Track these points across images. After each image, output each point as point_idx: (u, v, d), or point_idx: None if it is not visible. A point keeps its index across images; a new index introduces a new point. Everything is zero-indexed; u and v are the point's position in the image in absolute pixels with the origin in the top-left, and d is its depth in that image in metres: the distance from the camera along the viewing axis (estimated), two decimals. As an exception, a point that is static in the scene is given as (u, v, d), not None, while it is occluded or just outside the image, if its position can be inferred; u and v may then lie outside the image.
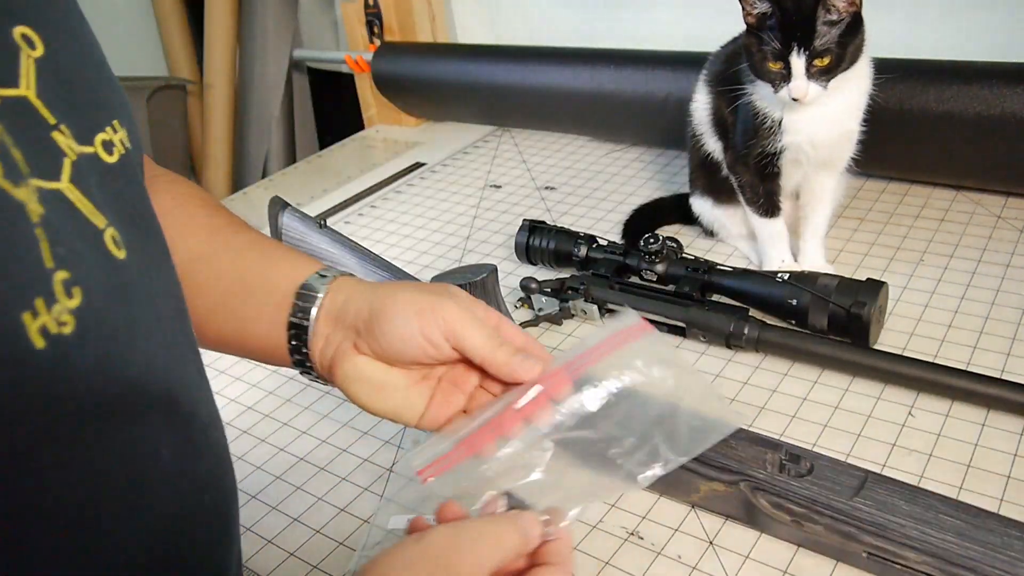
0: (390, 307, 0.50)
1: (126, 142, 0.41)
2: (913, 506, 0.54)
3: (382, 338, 0.50)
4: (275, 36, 1.80)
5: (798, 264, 0.90)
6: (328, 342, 0.52)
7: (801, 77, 0.77)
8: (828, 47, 0.76)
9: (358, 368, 0.51)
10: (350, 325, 0.51)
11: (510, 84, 1.37)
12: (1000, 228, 0.94)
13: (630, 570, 0.60)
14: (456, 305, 0.49)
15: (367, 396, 0.52)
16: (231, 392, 0.87)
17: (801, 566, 0.58)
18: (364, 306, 0.51)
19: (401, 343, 0.49)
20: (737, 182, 0.90)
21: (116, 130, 0.41)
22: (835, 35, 0.76)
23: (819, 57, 0.76)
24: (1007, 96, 0.91)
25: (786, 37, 0.76)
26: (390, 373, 0.51)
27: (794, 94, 0.77)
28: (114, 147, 0.40)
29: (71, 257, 0.33)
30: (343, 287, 0.53)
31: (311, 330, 0.52)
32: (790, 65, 0.76)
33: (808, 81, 0.77)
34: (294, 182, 1.41)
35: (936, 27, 1.12)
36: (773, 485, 0.58)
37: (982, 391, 0.68)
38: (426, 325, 0.49)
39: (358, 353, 0.51)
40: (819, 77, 0.77)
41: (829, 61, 0.76)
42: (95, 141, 0.39)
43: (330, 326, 0.52)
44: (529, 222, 0.98)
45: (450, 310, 0.49)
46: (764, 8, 0.77)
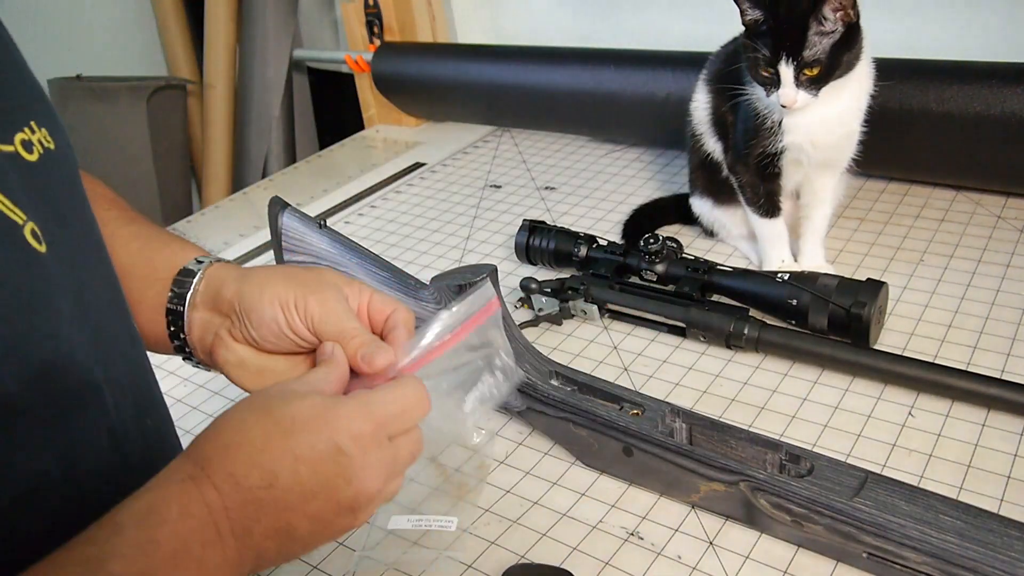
0: (256, 301, 0.51)
1: (47, 141, 0.43)
2: (913, 506, 0.54)
3: (252, 330, 0.50)
4: (275, 36, 1.80)
5: (798, 264, 0.90)
6: (206, 329, 0.53)
7: (789, 85, 0.77)
8: (818, 58, 0.76)
9: (237, 354, 0.52)
10: (225, 313, 0.52)
11: (510, 84, 1.37)
12: (1000, 228, 0.94)
13: (630, 570, 0.60)
14: (318, 297, 0.49)
15: (248, 380, 0.52)
16: (231, 392, 0.87)
17: (801, 566, 0.58)
18: (235, 296, 0.51)
19: (271, 335, 0.50)
20: (737, 182, 0.90)
21: (35, 130, 0.42)
22: (826, 46, 0.76)
23: (808, 67, 0.76)
24: (1007, 96, 0.91)
25: (776, 45, 0.77)
26: (268, 358, 0.52)
27: (782, 101, 0.78)
28: (34, 146, 0.41)
29: None
30: (218, 274, 0.54)
31: (186, 316, 0.53)
32: (779, 72, 0.77)
33: (797, 89, 0.77)
34: (294, 182, 1.41)
35: (936, 27, 1.12)
36: (773, 485, 0.58)
37: (982, 391, 0.68)
38: (291, 320, 0.49)
39: (234, 340, 0.52)
40: (809, 86, 0.77)
41: (819, 71, 0.76)
42: (14, 140, 0.40)
43: (207, 312, 0.53)
44: (529, 222, 0.98)
45: (312, 303, 0.49)
46: (756, 15, 0.78)
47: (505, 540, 0.64)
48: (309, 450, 0.39)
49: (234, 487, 0.38)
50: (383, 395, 0.43)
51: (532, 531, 0.64)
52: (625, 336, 0.86)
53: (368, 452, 0.40)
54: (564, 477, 0.69)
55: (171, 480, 0.39)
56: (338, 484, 0.40)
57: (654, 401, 0.67)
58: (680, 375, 0.79)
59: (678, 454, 0.62)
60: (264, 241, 1.18)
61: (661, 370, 0.80)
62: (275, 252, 0.73)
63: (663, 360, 0.81)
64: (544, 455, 0.72)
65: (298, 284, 0.50)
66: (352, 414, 0.41)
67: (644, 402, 0.67)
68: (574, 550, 0.62)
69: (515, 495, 0.68)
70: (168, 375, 0.91)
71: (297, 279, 0.51)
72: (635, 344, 0.84)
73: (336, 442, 0.39)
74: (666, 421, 0.65)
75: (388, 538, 0.65)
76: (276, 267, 0.54)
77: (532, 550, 0.62)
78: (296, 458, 0.39)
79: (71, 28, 1.86)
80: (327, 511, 0.40)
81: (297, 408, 0.40)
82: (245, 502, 0.38)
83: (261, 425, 0.40)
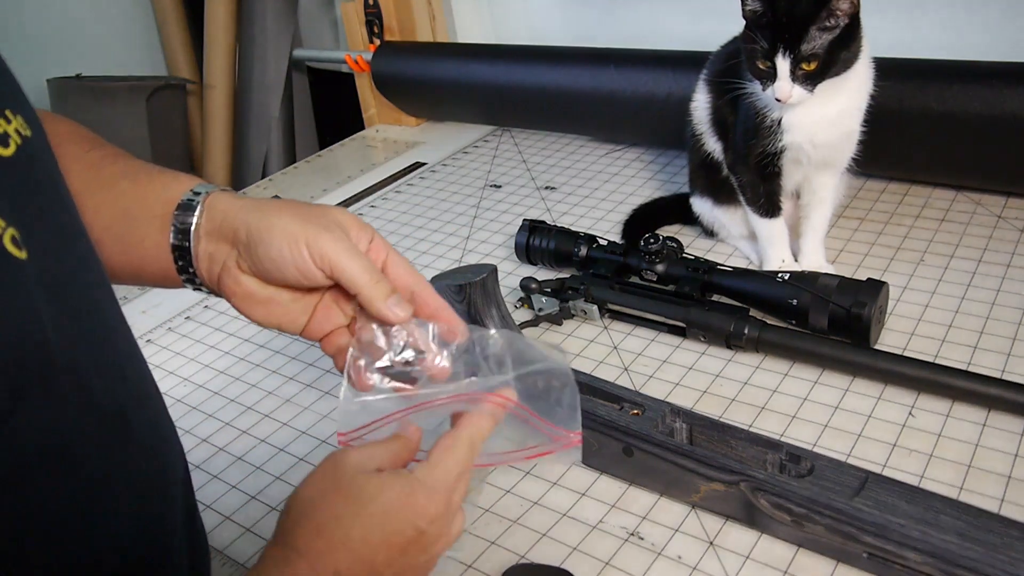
0: (264, 234, 0.50)
1: (23, 129, 0.41)
2: (914, 506, 0.54)
3: (258, 262, 0.50)
4: (275, 36, 1.80)
5: (798, 264, 0.90)
6: (213, 259, 0.53)
7: (785, 79, 0.77)
8: (815, 52, 0.75)
9: (242, 284, 0.52)
10: (230, 242, 0.52)
11: (510, 84, 1.37)
12: (1000, 228, 0.94)
13: (630, 570, 0.60)
14: (332, 237, 0.50)
15: (252, 310, 0.53)
16: (231, 392, 0.87)
17: (801, 566, 0.58)
18: (241, 227, 0.51)
19: (276, 270, 0.50)
20: (737, 182, 0.90)
21: (10, 119, 0.40)
22: (825, 41, 0.75)
23: (805, 61, 0.76)
24: (1007, 96, 0.91)
25: (774, 38, 0.76)
26: (273, 290, 0.52)
27: (777, 94, 0.78)
28: (9, 138, 0.39)
29: None
30: (219, 204, 0.53)
31: (193, 250, 0.53)
32: (776, 65, 0.77)
33: (792, 84, 0.77)
34: (294, 182, 1.41)
35: (936, 27, 1.12)
36: (773, 485, 0.58)
37: (982, 391, 0.68)
38: (298, 256, 0.49)
39: (240, 271, 0.52)
40: (805, 81, 0.77)
41: (816, 66, 0.76)
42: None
43: (212, 244, 0.52)
44: (529, 222, 0.98)
45: (325, 242, 0.49)
46: (756, 6, 0.77)
47: (505, 540, 0.64)
48: (399, 537, 0.45)
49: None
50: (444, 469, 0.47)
51: (532, 531, 0.64)
52: (625, 336, 0.86)
53: (443, 525, 0.46)
54: (564, 477, 0.69)
55: None
56: (419, 554, 0.46)
57: (654, 401, 0.67)
58: (680, 375, 0.79)
59: (678, 454, 0.62)
60: (264, 241, 1.18)
61: (661, 370, 0.80)
62: None
63: (663, 360, 0.81)
64: (544, 455, 0.72)
65: (308, 220, 0.50)
66: (428, 501, 0.45)
67: (644, 402, 0.67)
68: (574, 550, 0.62)
69: (515, 495, 0.68)
70: (168, 375, 0.92)
71: (308, 215, 0.51)
72: (635, 344, 0.84)
73: (419, 528, 0.45)
74: (666, 421, 0.65)
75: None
76: (284, 202, 0.53)
77: (532, 550, 0.62)
78: (389, 545, 0.44)
79: (71, 28, 1.86)
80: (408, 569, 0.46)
81: (384, 500, 0.45)
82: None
83: (359, 523, 0.44)
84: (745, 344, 0.78)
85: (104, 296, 0.47)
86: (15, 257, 0.37)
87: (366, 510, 0.44)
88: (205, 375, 0.90)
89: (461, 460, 0.47)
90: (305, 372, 0.88)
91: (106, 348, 0.45)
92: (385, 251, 0.54)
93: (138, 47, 2.00)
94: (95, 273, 0.46)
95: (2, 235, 0.36)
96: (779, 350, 0.78)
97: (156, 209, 0.54)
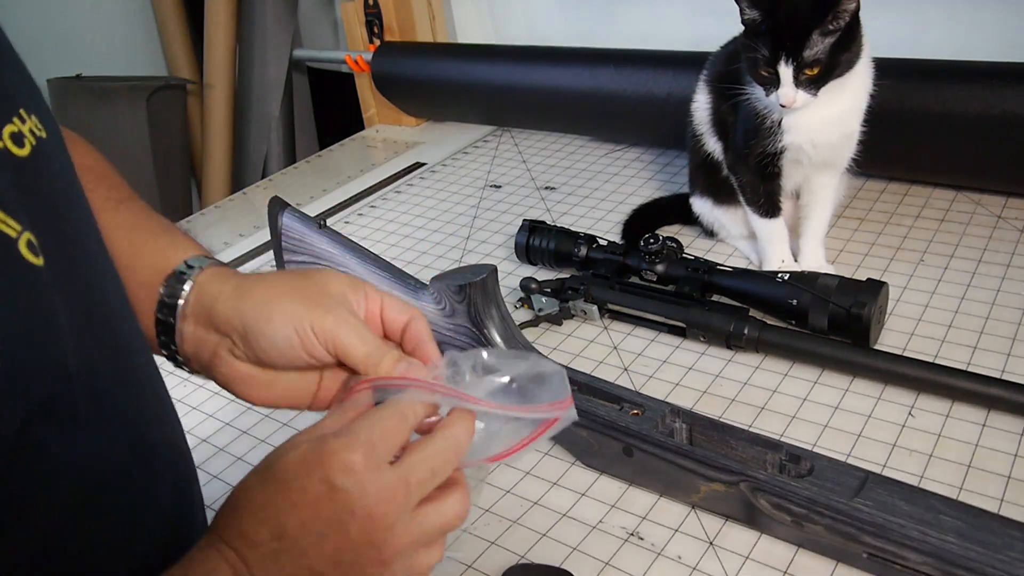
0: (265, 325, 0.46)
1: (38, 129, 0.39)
2: (914, 507, 0.54)
3: (261, 353, 0.47)
4: (275, 36, 1.80)
5: (798, 264, 0.90)
6: (201, 345, 0.49)
7: (789, 85, 0.77)
8: (818, 58, 0.76)
9: (238, 369, 0.49)
10: (223, 332, 0.48)
11: (510, 84, 1.37)
12: (1000, 228, 0.94)
13: (630, 570, 0.60)
14: (333, 316, 0.46)
15: (251, 392, 0.50)
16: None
17: (801, 566, 0.58)
18: (235, 316, 0.47)
19: (282, 357, 0.47)
20: (737, 182, 0.90)
21: (25, 119, 0.38)
22: (827, 46, 0.76)
23: (808, 67, 0.76)
24: (1007, 96, 0.91)
25: (776, 45, 0.76)
26: (276, 373, 0.49)
27: (781, 101, 0.78)
28: (24, 138, 0.38)
29: None
30: (209, 286, 0.49)
31: (177, 330, 0.49)
32: (778, 72, 0.77)
33: (796, 89, 0.77)
34: (294, 182, 1.41)
35: (936, 27, 1.12)
36: (773, 485, 0.58)
37: (982, 391, 0.68)
38: (307, 342, 0.46)
39: (236, 359, 0.48)
40: (808, 86, 0.77)
41: (818, 71, 0.76)
42: (3, 135, 0.36)
43: (200, 329, 0.49)
44: (529, 222, 0.98)
45: (328, 323, 0.46)
46: (755, 15, 0.77)
47: (505, 540, 0.64)
48: (304, 495, 0.39)
49: (249, 545, 0.39)
50: (367, 419, 0.41)
51: (532, 531, 0.64)
52: (625, 336, 0.86)
53: (365, 480, 0.39)
54: (564, 477, 0.69)
55: (195, 552, 0.40)
56: (343, 519, 0.39)
57: (654, 401, 0.67)
58: (680, 375, 0.79)
59: (678, 454, 0.62)
60: (264, 241, 1.18)
61: (661, 370, 0.80)
62: (275, 252, 0.73)
63: (663, 360, 0.81)
64: (544, 455, 0.72)
65: (307, 302, 0.47)
66: (337, 447, 0.39)
67: (644, 402, 0.67)
68: (574, 550, 0.62)
69: (515, 495, 0.68)
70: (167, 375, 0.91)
71: (304, 295, 0.47)
72: (635, 344, 0.84)
73: (328, 479, 0.39)
74: (666, 421, 0.65)
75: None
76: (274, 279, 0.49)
77: (532, 550, 0.62)
78: (294, 505, 0.39)
79: (71, 28, 1.86)
80: (346, 549, 0.39)
81: (289, 458, 0.40)
82: (263, 556, 0.39)
83: (261, 483, 0.40)
84: (745, 344, 0.78)
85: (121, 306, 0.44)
86: (31, 264, 0.35)
87: (269, 470, 0.40)
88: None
89: (386, 416, 0.41)
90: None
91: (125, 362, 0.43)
92: (379, 298, 0.49)
93: (138, 47, 2.00)
94: (111, 282, 0.44)
95: (17, 240, 0.34)
96: (779, 350, 0.78)
97: (146, 275, 0.50)
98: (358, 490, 0.39)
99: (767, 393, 0.75)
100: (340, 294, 0.48)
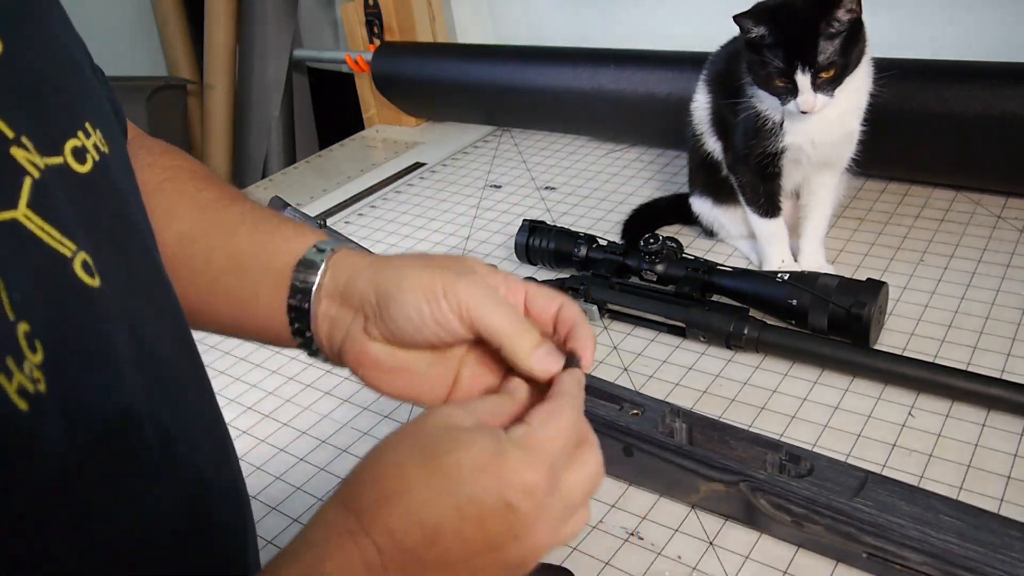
0: (396, 291, 0.43)
1: (102, 145, 0.38)
2: (913, 507, 0.54)
3: (392, 324, 0.44)
4: (275, 36, 1.80)
5: (798, 264, 0.90)
6: (335, 325, 0.47)
7: (808, 91, 0.77)
8: (832, 60, 0.76)
9: (370, 353, 0.45)
10: (357, 307, 0.45)
11: (510, 84, 1.37)
12: (1000, 228, 0.94)
13: (630, 570, 0.60)
14: (471, 284, 0.43)
15: (382, 381, 0.46)
16: (231, 392, 0.87)
17: (801, 566, 0.58)
18: (369, 288, 0.45)
19: (413, 329, 0.43)
20: (737, 182, 0.90)
21: (89, 133, 0.37)
22: (837, 47, 0.76)
23: (824, 71, 0.76)
24: (1007, 96, 0.91)
25: (788, 56, 0.76)
26: (407, 356, 0.46)
27: (803, 108, 0.77)
28: (87, 153, 0.36)
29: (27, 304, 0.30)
30: (344, 263, 0.47)
31: (312, 313, 0.47)
32: (796, 81, 0.77)
33: (815, 94, 0.77)
34: (294, 182, 1.41)
35: (936, 27, 1.12)
36: (773, 486, 0.58)
37: (982, 391, 0.68)
38: (437, 310, 0.42)
39: (369, 338, 0.45)
40: (826, 88, 0.77)
41: (834, 72, 0.76)
42: (64, 150, 0.35)
43: (335, 307, 0.46)
44: (529, 222, 0.98)
45: (464, 290, 0.42)
46: (760, 31, 0.78)
47: (505, 540, 0.64)
48: (476, 507, 0.35)
49: (395, 546, 0.34)
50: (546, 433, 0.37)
51: (532, 531, 0.64)
52: (625, 336, 0.86)
53: (541, 506, 0.36)
54: (564, 477, 0.69)
55: (329, 536, 0.35)
56: (506, 541, 0.35)
57: (654, 401, 0.67)
58: (680, 375, 0.79)
59: (678, 454, 0.62)
60: (264, 241, 1.18)
61: (661, 370, 0.80)
62: None
63: (663, 360, 0.81)
64: (544, 455, 0.72)
65: (442, 268, 0.44)
66: (522, 465, 0.35)
67: (644, 402, 0.67)
68: (574, 550, 0.62)
69: (515, 495, 0.68)
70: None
71: (440, 263, 0.44)
72: (635, 344, 0.84)
73: (506, 499, 0.35)
74: (666, 421, 0.65)
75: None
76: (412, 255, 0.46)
77: (532, 550, 0.62)
78: (462, 516, 0.34)
79: (71, 28, 1.86)
80: (492, 568, 0.36)
81: (463, 455, 0.35)
82: (406, 563, 0.35)
83: (423, 474, 0.35)
84: (745, 344, 0.78)
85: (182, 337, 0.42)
86: (87, 285, 0.33)
87: (436, 462, 0.35)
88: (236, 389, 0.90)
89: (568, 424, 0.38)
90: (305, 372, 0.88)
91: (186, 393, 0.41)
92: (522, 288, 0.46)
93: (138, 47, 2.00)
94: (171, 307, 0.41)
95: (72, 260, 0.32)
96: (779, 350, 0.78)
97: (274, 263, 0.48)
98: (532, 516, 0.36)
99: (767, 393, 0.75)
100: (475, 269, 0.45)
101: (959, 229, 0.95)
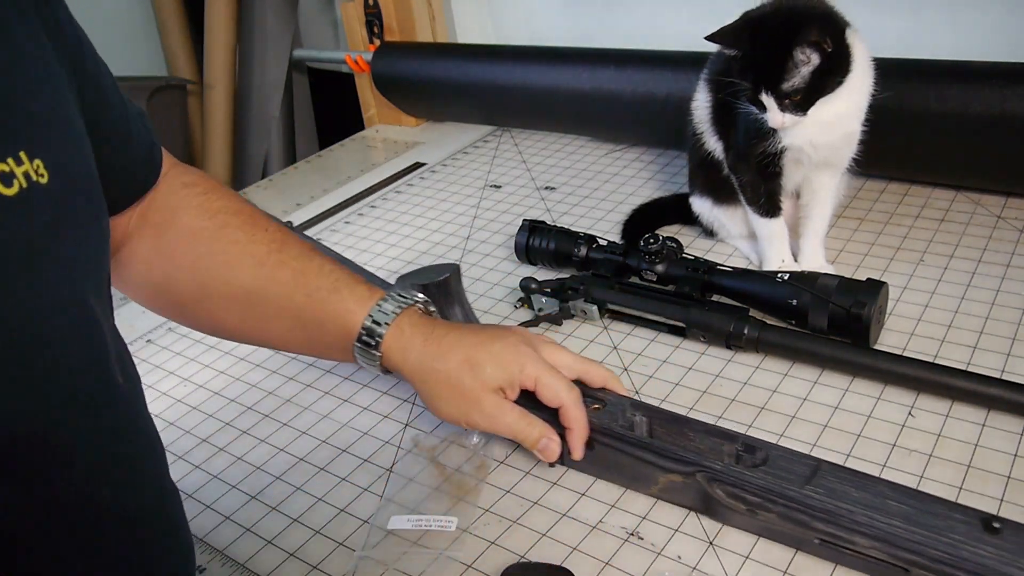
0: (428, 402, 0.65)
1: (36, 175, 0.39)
2: (863, 492, 0.56)
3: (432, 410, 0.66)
4: (275, 36, 1.80)
5: (798, 264, 0.90)
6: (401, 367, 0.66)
7: (775, 111, 0.79)
8: (796, 88, 0.77)
9: None
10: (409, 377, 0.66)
11: (510, 84, 1.37)
12: (1000, 228, 0.94)
13: (630, 570, 0.60)
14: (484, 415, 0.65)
15: None
16: (231, 392, 0.87)
17: (801, 567, 0.58)
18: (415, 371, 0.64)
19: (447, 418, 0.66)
20: (738, 182, 0.90)
21: (21, 161, 0.38)
22: (805, 75, 0.77)
23: (788, 97, 0.78)
24: (1007, 96, 0.91)
25: (756, 79, 0.78)
26: None
27: (771, 124, 0.80)
28: (14, 179, 0.38)
29: None
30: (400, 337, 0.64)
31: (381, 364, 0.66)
32: (763, 101, 0.79)
33: (783, 113, 0.79)
34: (294, 182, 1.41)
35: (936, 27, 1.12)
36: (728, 475, 0.59)
37: (982, 391, 0.68)
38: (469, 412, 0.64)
39: None
40: (794, 109, 0.79)
41: (801, 97, 0.78)
42: None
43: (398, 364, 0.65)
44: (529, 222, 0.98)
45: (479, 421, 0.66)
46: (733, 53, 0.80)
47: (505, 540, 0.64)
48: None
49: None
50: None
51: (532, 531, 0.64)
52: (625, 336, 0.86)
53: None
54: (564, 477, 0.69)
55: None
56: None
57: (616, 396, 0.69)
58: (680, 375, 0.79)
59: (637, 446, 0.64)
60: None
61: (661, 370, 0.80)
62: None
63: (663, 360, 0.81)
64: (544, 455, 0.72)
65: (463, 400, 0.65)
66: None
67: (605, 397, 0.69)
68: (574, 550, 0.62)
69: (515, 495, 0.68)
70: (168, 375, 0.92)
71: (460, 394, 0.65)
72: (635, 344, 0.84)
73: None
74: (626, 415, 0.67)
75: (388, 538, 0.65)
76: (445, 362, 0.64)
77: (532, 550, 0.62)
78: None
79: (71, 28, 1.86)
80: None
81: None
82: None
83: None
84: (745, 344, 0.78)
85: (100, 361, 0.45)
86: None
87: None
88: (205, 375, 0.90)
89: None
90: (305, 372, 0.88)
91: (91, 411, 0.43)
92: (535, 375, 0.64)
93: (138, 47, 2.00)
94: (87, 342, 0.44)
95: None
96: (779, 350, 0.78)
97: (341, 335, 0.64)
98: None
99: (767, 393, 0.75)
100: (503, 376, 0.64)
101: (959, 229, 0.95)
